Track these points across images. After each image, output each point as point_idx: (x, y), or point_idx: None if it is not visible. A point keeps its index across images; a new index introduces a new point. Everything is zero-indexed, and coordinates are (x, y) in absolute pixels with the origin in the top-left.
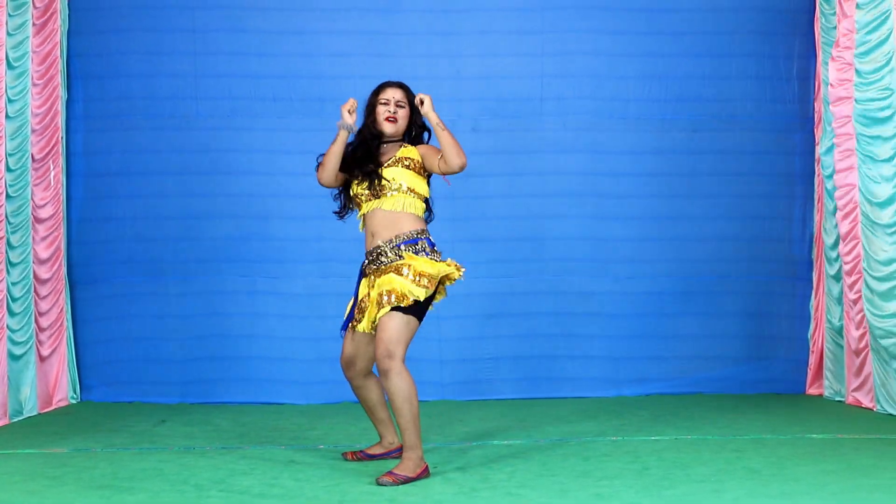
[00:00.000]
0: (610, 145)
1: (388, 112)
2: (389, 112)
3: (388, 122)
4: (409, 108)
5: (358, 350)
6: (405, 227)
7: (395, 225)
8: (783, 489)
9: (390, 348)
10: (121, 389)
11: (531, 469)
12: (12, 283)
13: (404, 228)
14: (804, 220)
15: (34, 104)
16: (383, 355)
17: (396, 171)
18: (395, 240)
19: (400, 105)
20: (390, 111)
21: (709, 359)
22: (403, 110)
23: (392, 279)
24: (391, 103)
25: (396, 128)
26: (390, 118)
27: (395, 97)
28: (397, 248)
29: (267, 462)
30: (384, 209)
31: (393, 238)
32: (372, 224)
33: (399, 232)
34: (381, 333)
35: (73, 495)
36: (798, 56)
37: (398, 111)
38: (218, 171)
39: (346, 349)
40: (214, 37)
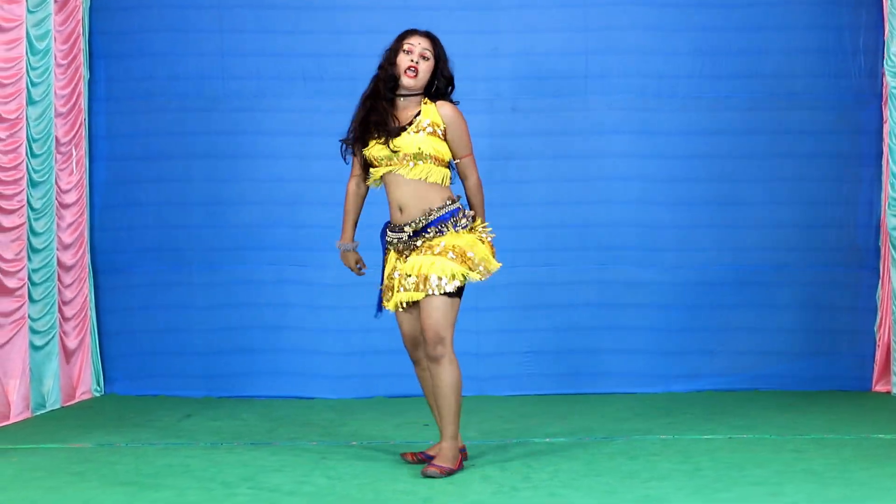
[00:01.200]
0: (658, 126)
1: (411, 61)
2: (412, 61)
3: (408, 74)
4: (433, 60)
5: (415, 327)
6: (436, 199)
7: (424, 197)
8: (846, 493)
9: (441, 334)
10: (145, 382)
11: (575, 468)
12: (34, 269)
13: (436, 201)
14: (870, 205)
15: (58, 85)
16: (434, 341)
17: (419, 138)
18: (430, 214)
19: (424, 56)
20: (413, 60)
21: (765, 354)
22: (427, 63)
23: (434, 264)
24: (415, 52)
25: (417, 81)
26: (412, 69)
27: (420, 45)
28: (436, 224)
29: (297, 459)
30: (408, 178)
31: (426, 212)
32: (398, 195)
33: (431, 205)
34: (428, 319)
35: (97, 492)
36: (864, 27)
37: (421, 63)
38: (245, 155)
39: (406, 328)
40: (241, 13)
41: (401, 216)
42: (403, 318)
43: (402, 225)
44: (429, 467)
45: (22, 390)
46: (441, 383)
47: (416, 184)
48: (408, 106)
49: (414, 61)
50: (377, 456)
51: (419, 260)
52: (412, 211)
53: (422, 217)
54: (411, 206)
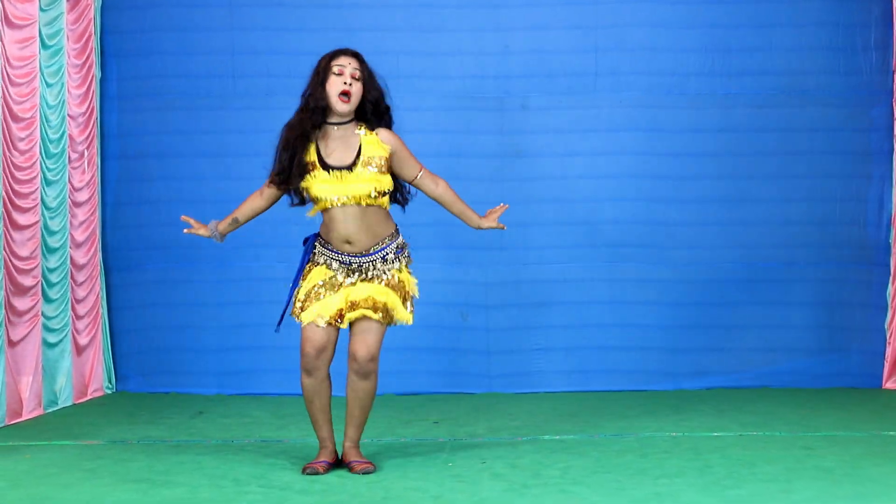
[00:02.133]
0: (668, 123)
1: (344, 84)
2: (345, 84)
3: (341, 99)
4: (363, 81)
5: (329, 340)
6: (383, 230)
7: (372, 229)
8: (857, 490)
9: (374, 352)
10: (157, 379)
11: (585, 465)
12: (49, 269)
13: (381, 232)
14: (881, 202)
15: (71, 85)
16: (367, 359)
17: (369, 177)
18: (382, 246)
19: (355, 77)
20: (346, 83)
21: (775, 351)
22: (358, 84)
23: (388, 294)
24: (346, 73)
25: (350, 106)
26: (344, 94)
27: (350, 65)
28: (384, 258)
29: (308, 457)
30: (355, 214)
31: (377, 243)
32: (345, 229)
33: (378, 238)
34: (368, 337)
35: (109, 489)
36: (875, 24)
37: (353, 85)
38: (256, 153)
39: (318, 337)
40: (251, 12)
41: (350, 247)
42: (317, 329)
43: (352, 253)
44: (360, 465)
45: (34, 387)
46: (365, 396)
47: (362, 216)
48: (343, 135)
49: (347, 84)
50: (387, 453)
51: (378, 288)
52: (361, 243)
53: (374, 248)
54: (359, 239)
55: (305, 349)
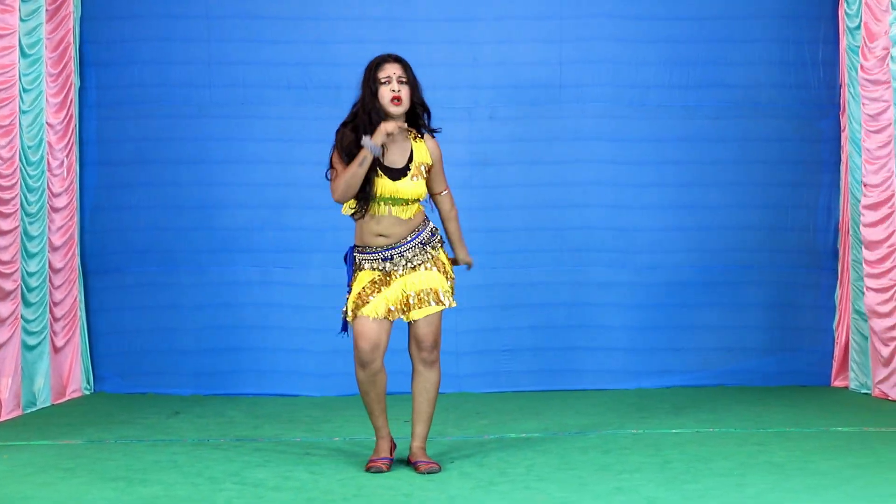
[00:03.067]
0: (630, 133)
1: (392, 91)
2: (394, 91)
3: (394, 103)
4: (411, 84)
5: (382, 335)
6: (414, 221)
7: (403, 224)
8: (807, 483)
9: (438, 339)
10: (134, 380)
11: (550, 462)
12: (29, 273)
13: (414, 222)
14: (829, 209)
15: (49, 93)
16: (432, 346)
17: (418, 184)
18: (417, 232)
19: (402, 81)
20: (394, 90)
21: (731, 350)
22: (406, 87)
23: (434, 278)
24: (393, 80)
25: (403, 107)
26: (396, 98)
27: (395, 73)
28: (421, 245)
29: (281, 454)
30: (398, 216)
31: (408, 236)
32: (380, 226)
33: (412, 228)
34: (430, 327)
35: (87, 487)
36: (823, 40)
37: (401, 89)
38: (232, 160)
39: (372, 332)
40: (228, 23)
41: (382, 240)
42: (370, 324)
43: (387, 246)
44: (425, 465)
45: (13, 388)
46: (431, 386)
47: (405, 217)
48: (397, 140)
49: (395, 90)
50: (359, 452)
51: (428, 276)
52: (395, 234)
53: (408, 238)
54: (395, 234)
55: (360, 345)
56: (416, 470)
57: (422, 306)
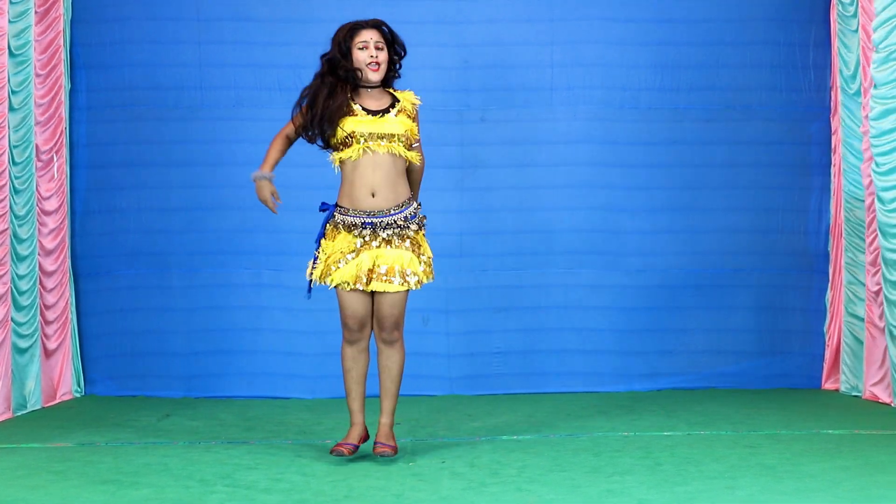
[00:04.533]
0: (621, 136)
1: (371, 57)
2: (372, 56)
3: (371, 69)
4: (386, 49)
5: (367, 308)
6: (404, 192)
7: (395, 185)
8: (798, 486)
9: (399, 321)
10: (125, 383)
11: (541, 464)
12: (19, 276)
13: (403, 192)
14: (820, 212)
15: (37, 94)
16: (392, 326)
17: (403, 120)
18: (403, 207)
19: (379, 47)
20: (372, 56)
21: (722, 353)
22: (383, 53)
23: (413, 261)
24: (370, 46)
25: (381, 74)
26: (373, 64)
27: (373, 39)
28: (406, 220)
29: (273, 457)
30: (389, 159)
31: (399, 204)
32: (373, 178)
33: (401, 196)
34: (392, 306)
35: (78, 490)
36: (814, 44)
37: (379, 55)
38: (223, 163)
39: (355, 308)
40: (219, 25)
41: (372, 200)
42: (353, 297)
43: (371, 210)
44: (383, 447)
45: (3, 391)
46: (393, 365)
47: (390, 168)
48: (373, 94)
49: (374, 56)
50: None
51: (396, 253)
52: (385, 196)
53: (396, 208)
54: (385, 191)
55: (348, 322)
56: (373, 450)
57: (385, 281)
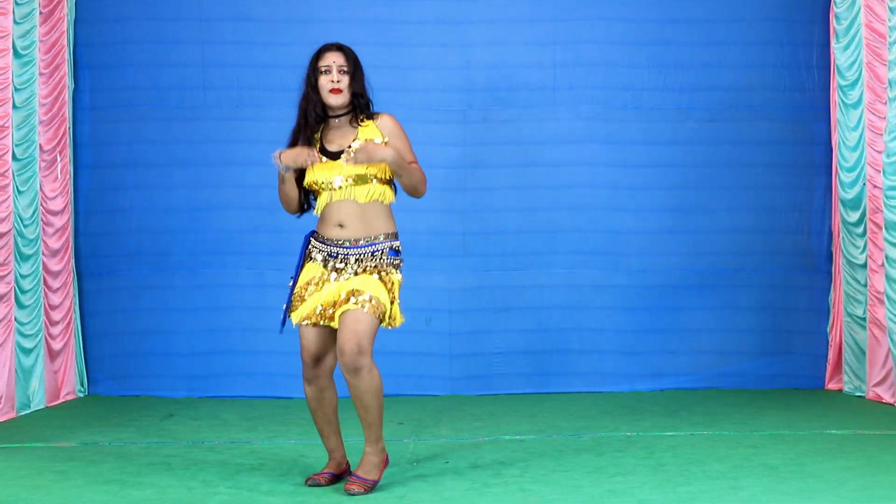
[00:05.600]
0: (623, 135)
1: (331, 81)
2: (332, 81)
3: (333, 92)
4: (351, 74)
5: (326, 345)
6: (379, 227)
7: (367, 220)
8: (801, 486)
9: (362, 344)
10: (128, 383)
11: (544, 464)
12: (23, 275)
13: (379, 228)
14: (823, 212)
15: (41, 94)
16: (354, 351)
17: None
18: (378, 240)
19: (343, 71)
20: (333, 81)
21: (725, 353)
22: (346, 76)
23: (377, 285)
24: (333, 70)
25: (342, 98)
26: (335, 89)
27: (336, 62)
28: (378, 254)
29: (276, 457)
30: (354, 200)
31: (369, 237)
32: (339, 214)
33: (374, 232)
34: (353, 326)
35: (80, 490)
36: (817, 43)
37: (341, 79)
38: (226, 162)
39: (309, 343)
40: (221, 25)
41: (340, 231)
42: (307, 331)
43: (341, 240)
44: (351, 484)
45: (7, 391)
46: (362, 393)
47: (354, 206)
48: (342, 126)
49: (334, 81)
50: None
51: (366, 279)
52: (355, 229)
53: (367, 240)
54: (354, 226)
55: (303, 357)
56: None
57: (343, 302)
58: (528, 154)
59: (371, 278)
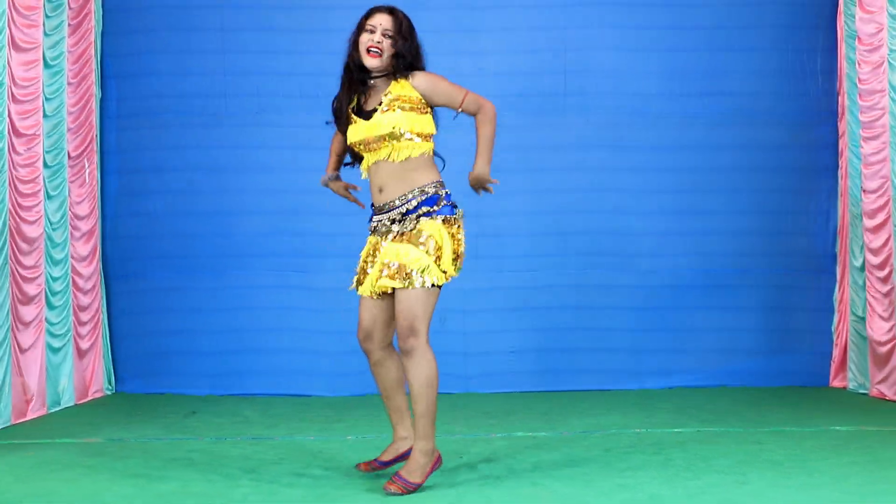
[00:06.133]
0: (632, 140)
1: (371, 41)
2: (373, 41)
3: (370, 54)
4: (397, 38)
5: (375, 318)
6: (418, 179)
7: (405, 176)
8: (805, 481)
9: (415, 325)
10: (153, 381)
11: (555, 460)
12: (53, 278)
13: (417, 180)
14: (827, 214)
15: (69, 102)
16: (406, 333)
17: (393, 116)
18: (410, 195)
19: (387, 34)
20: (374, 41)
21: (731, 352)
22: (389, 41)
23: (409, 252)
24: (377, 31)
25: (381, 61)
26: (373, 49)
27: (381, 25)
28: (415, 209)
29: (295, 452)
30: (390, 160)
31: (406, 193)
32: (378, 176)
33: (412, 185)
34: (402, 306)
35: (108, 483)
36: (822, 49)
37: (383, 41)
38: (247, 168)
39: (364, 318)
40: (242, 35)
41: (380, 196)
42: (365, 305)
43: (382, 205)
44: (390, 483)
45: (38, 389)
46: (412, 379)
47: (395, 164)
48: (377, 86)
49: (375, 41)
50: (371, 449)
51: (399, 248)
52: (392, 190)
53: (402, 198)
54: (391, 186)
55: (357, 332)
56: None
57: (385, 280)
58: (539, 159)
59: (404, 247)
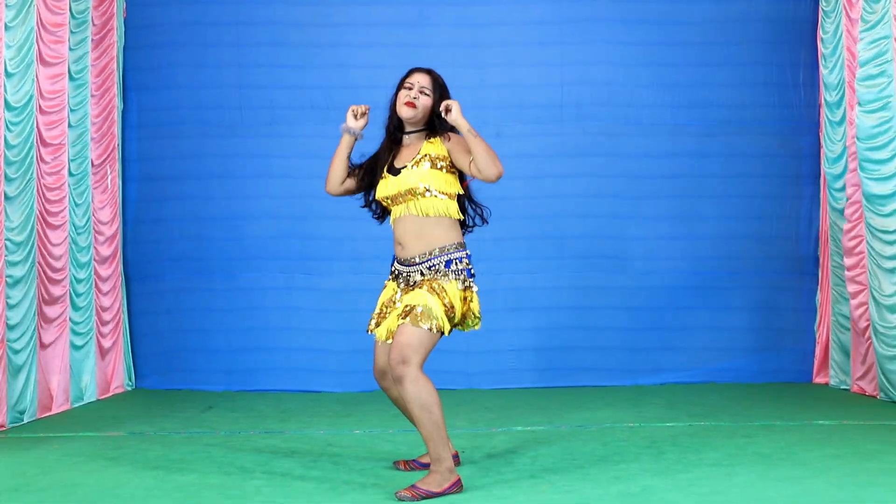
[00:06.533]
0: (625, 149)
1: (409, 97)
2: (410, 97)
3: (406, 105)
4: (433, 97)
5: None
6: (439, 239)
7: (426, 234)
8: (791, 473)
9: (406, 353)
10: (172, 377)
11: (553, 453)
12: (77, 279)
13: (438, 240)
14: (810, 220)
15: (92, 113)
16: (397, 361)
17: (422, 172)
18: (430, 255)
19: (424, 91)
20: (412, 96)
21: (720, 350)
22: (426, 98)
23: (425, 296)
24: (415, 88)
25: (415, 113)
26: (410, 103)
27: (419, 82)
28: (434, 267)
29: (306, 446)
30: (413, 215)
31: (426, 252)
32: (400, 232)
33: (433, 245)
34: (399, 337)
35: (129, 475)
36: (804, 64)
37: (420, 97)
38: (260, 175)
39: (379, 358)
40: (256, 51)
41: (401, 251)
42: (380, 347)
43: (403, 259)
44: (403, 489)
45: (63, 385)
46: (409, 405)
47: (416, 220)
48: (412, 144)
49: (412, 97)
50: (378, 443)
51: (414, 293)
52: (414, 247)
53: (422, 256)
54: (413, 243)
55: (374, 372)
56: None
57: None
58: (538, 166)
59: (420, 291)
